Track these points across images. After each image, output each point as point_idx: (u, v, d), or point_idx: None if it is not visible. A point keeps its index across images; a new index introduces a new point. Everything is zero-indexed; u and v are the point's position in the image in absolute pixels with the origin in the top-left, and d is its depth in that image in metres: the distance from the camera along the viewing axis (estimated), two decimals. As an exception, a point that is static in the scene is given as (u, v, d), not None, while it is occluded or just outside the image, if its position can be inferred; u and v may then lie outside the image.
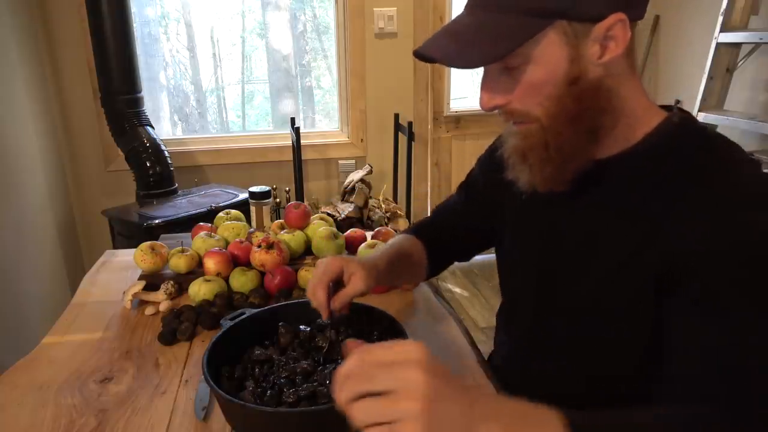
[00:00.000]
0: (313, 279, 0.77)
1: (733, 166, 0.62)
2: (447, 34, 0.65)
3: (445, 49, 0.64)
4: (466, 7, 0.67)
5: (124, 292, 1.07)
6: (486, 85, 0.67)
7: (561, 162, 0.66)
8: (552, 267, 0.77)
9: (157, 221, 2.05)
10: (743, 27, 2.12)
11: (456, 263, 1.05)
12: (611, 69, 0.63)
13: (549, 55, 0.61)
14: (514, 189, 0.73)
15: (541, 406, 0.49)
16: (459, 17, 0.66)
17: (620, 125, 0.67)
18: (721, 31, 2.11)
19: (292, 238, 1.18)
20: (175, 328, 0.95)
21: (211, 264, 1.10)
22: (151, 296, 1.07)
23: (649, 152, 0.67)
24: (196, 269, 1.13)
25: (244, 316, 0.85)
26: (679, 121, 0.68)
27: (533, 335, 0.83)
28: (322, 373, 0.75)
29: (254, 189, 1.31)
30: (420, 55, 0.65)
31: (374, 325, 0.84)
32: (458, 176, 2.63)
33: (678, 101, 2.59)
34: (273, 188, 2.72)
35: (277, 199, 2.76)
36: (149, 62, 2.65)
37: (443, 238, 1.00)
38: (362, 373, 0.45)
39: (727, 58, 2.17)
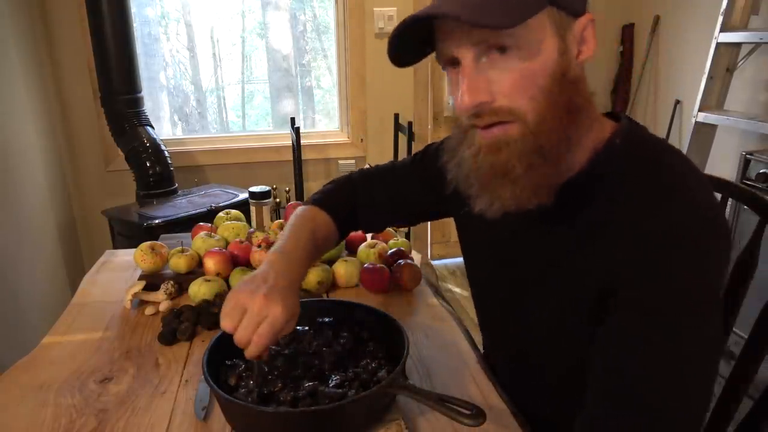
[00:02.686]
0: (263, 339, 0.68)
1: (676, 193, 0.60)
2: (450, 2, 0.58)
3: (458, 6, 0.57)
4: None
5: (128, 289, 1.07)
6: (468, 83, 0.61)
7: (553, 163, 0.63)
8: (512, 288, 0.79)
9: (157, 221, 2.05)
10: (743, 27, 2.11)
11: (456, 264, 1.05)
12: (581, 72, 0.63)
13: (543, 43, 0.60)
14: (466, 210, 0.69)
15: None
16: None
17: (586, 138, 0.66)
18: (721, 31, 2.11)
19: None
20: (175, 328, 0.95)
21: (211, 264, 1.10)
22: (151, 296, 1.07)
23: (602, 174, 0.66)
24: (196, 269, 1.13)
25: (244, 316, 0.85)
26: (623, 138, 0.66)
27: (505, 350, 0.87)
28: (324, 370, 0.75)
29: (254, 189, 1.31)
30: (422, 17, 0.59)
31: (374, 325, 0.84)
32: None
33: (678, 101, 2.59)
34: (273, 188, 2.72)
35: (277, 199, 2.76)
36: (149, 62, 2.65)
37: (369, 206, 0.95)
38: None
39: (727, 58, 2.17)
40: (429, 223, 2.82)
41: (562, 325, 0.71)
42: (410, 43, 0.65)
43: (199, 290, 1.04)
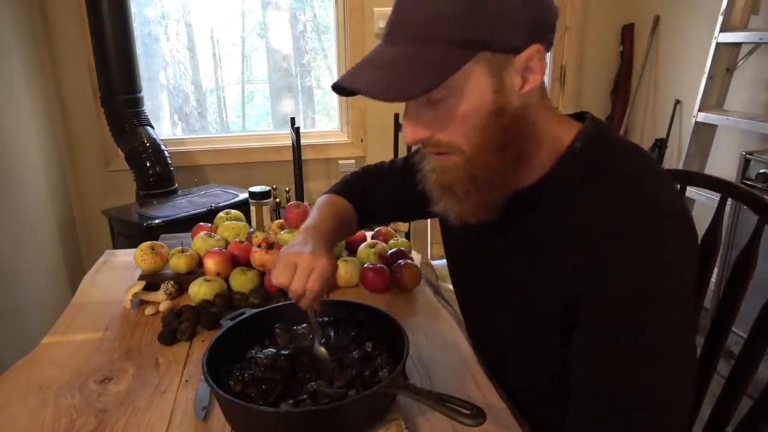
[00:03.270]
0: (316, 285, 0.75)
1: (624, 194, 0.61)
2: (370, 66, 0.62)
3: (371, 80, 0.61)
4: (385, 38, 0.64)
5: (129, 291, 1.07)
6: (409, 118, 0.65)
7: (489, 191, 0.66)
8: (484, 294, 0.82)
9: (157, 221, 2.05)
10: (743, 27, 2.11)
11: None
12: (530, 99, 0.64)
13: (474, 87, 0.61)
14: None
15: None
16: (380, 49, 0.64)
17: (542, 150, 0.67)
18: (721, 31, 2.11)
19: (291, 238, 1.18)
20: (175, 328, 0.95)
21: (211, 264, 1.10)
22: (151, 296, 1.07)
23: (559, 180, 0.67)
24: (196, 269, 1.13)
25: (244, 316, 0.86)
26: (583, 142, 0.67)
27: (484, 354, 0.89)
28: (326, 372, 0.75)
29: (254, 189, 1.31)
30: (340, 88, 0.63)
31: (374, 325, 0.85)
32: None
33: (678, 101, 2.59)
34: (273, 188, 2.72)
35: (277, 199, 2.76)
36: (149, 62, 2.65)
37: (373, 202, 1.00)
38: None
39: (727, 58, 2.17)
40: (429, 223, 2.82)
41: (535, 334, 0.72)
42: None
43: (199, 290, 1.04)
